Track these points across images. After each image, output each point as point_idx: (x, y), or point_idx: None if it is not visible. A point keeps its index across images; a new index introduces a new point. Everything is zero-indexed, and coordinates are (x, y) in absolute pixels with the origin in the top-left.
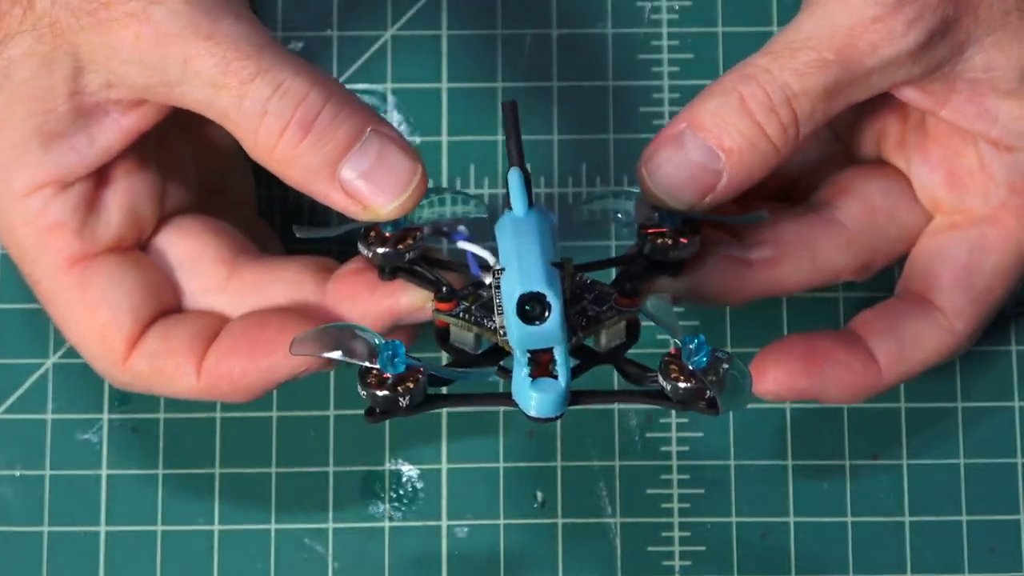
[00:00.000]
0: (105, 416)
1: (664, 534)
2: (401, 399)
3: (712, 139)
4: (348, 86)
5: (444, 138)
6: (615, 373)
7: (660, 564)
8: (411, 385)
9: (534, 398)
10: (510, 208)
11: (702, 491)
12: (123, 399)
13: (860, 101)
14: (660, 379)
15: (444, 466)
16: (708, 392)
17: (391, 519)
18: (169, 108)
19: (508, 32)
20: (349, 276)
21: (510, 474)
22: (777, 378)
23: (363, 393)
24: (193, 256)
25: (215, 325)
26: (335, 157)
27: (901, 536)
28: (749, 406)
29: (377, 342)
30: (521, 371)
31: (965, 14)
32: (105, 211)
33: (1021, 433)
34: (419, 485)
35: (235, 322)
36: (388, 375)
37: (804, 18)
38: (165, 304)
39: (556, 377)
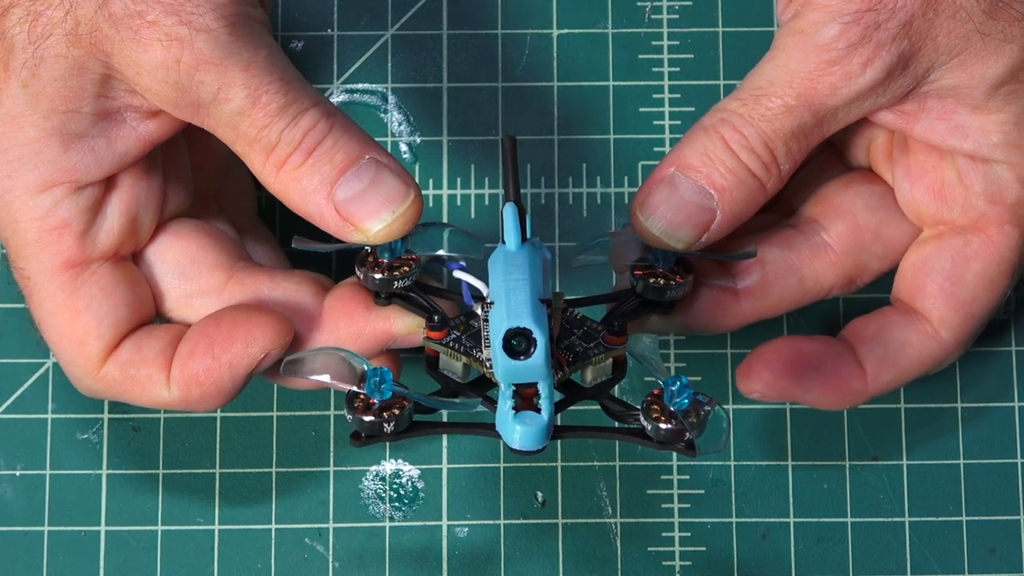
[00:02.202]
0: (105, 416)
1: (664, 534)
2: (386, 425)
3: (703, 178)
4: (348, 86)
5: (444, 138)
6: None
7: (660, 564)
8: (396, 412)
9: (517, 431)
10: (503, 242)
11: (702, 491)
12: None
13: (834, 132)
14: (642, 419)
15: (444, 466)
16: (687, 434)
17: (391, 519)
18: (184, 123)
19: (508, 32)
20: (346, 294)
21: (510, 474)
22: (764, 379)
23: (349, 417)
24: (191, 259)
25: (176, 338)
26: (332, 178)
27: (901, 536)
28: (753, 404)
29: (365, 367)
30: (505, 404)
31: (924, 44)
32: (109, 217)
33: (1021, 433)
34: (419, 485)
35: (193, 326)
36: (375, 400)
37: (766, 64)
38: (145, 316)
39: (539, 411)
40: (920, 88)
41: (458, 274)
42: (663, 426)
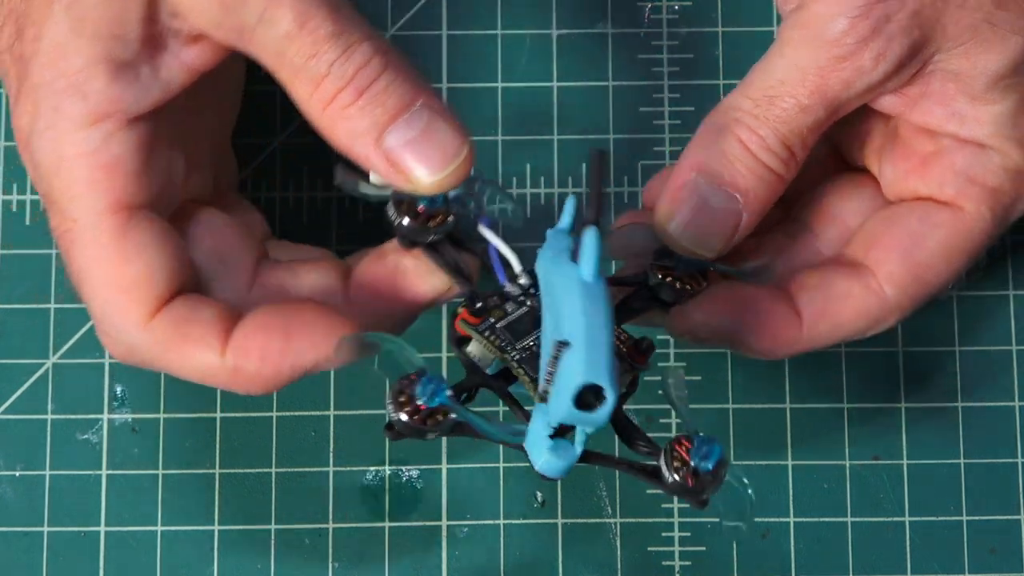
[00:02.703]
0: (105, 416)
1: (664, 534)
2: (429, 433)
3: (727, 183)
4: None
5: None
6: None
7: (660, 564)
8: (440, 419)
9: (548, 459)
10: (573, 261)
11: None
12: (123, 399)
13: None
14: (662, 463)
15: (444, 466)
16: (704, 495)
17: (391, 519)
18: (227, 51)
19: (508, 32)
20: (369, 276)
21: (510, 474)
22: (699, 315)
23: (390, 409)
24: (220, 258)
25: (236, 313)
26: (383, 123)
27: (901, 536)
28: (754, 404)
29: (420, 365)
30: (543, 428)
31: (933, 32)
32: (159, 159)
33: (1021, 433)
34: (419, 485)
35: (267, 306)
36: (422, 405)
37: (774, 59)
38: (189, 281)
39: (573, 442)
40: (924, 70)
41: (485, 231)
42: (682, 480)
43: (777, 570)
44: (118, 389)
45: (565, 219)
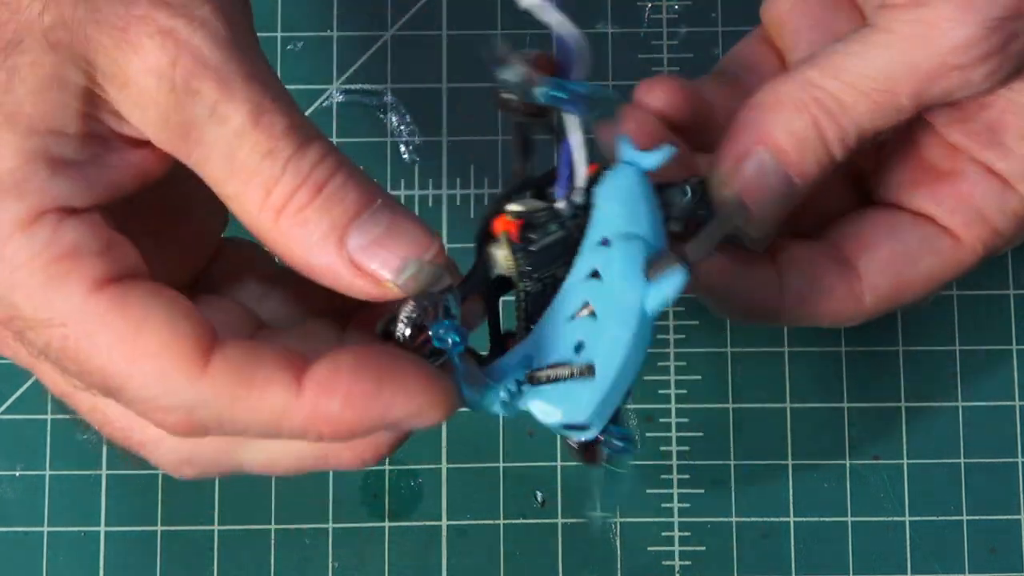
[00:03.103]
0: None
1: (664, 534)
2: (412, 352)
3: (792, 167)
4: (347, 86)
5: (444, 138)
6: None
7: (660, 564)
8: (430, 356)
9: (495, 407)
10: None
11: (702, 491)
12: None
13: None
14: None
15: (444, 466)
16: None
17: (391, 519)
18: (170, 162)
19: (508, 32)
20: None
21: (510, 474)
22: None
23: (402, 319)
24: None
25: (304, 355)
26: (343, 222)
27: (901, 536)
28: (754, 404)
29: (453, 311)
30: (511, 373)
31: None
32: (124, 243)
33: (1021, 433)
34: (419, 485)
35: (359, 348)
36: (426, 334)
37: (880, 51)
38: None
39: (524, 400)
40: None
41: (571, 125)
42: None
43: (777, 570)
44: None
45: (648, 159)
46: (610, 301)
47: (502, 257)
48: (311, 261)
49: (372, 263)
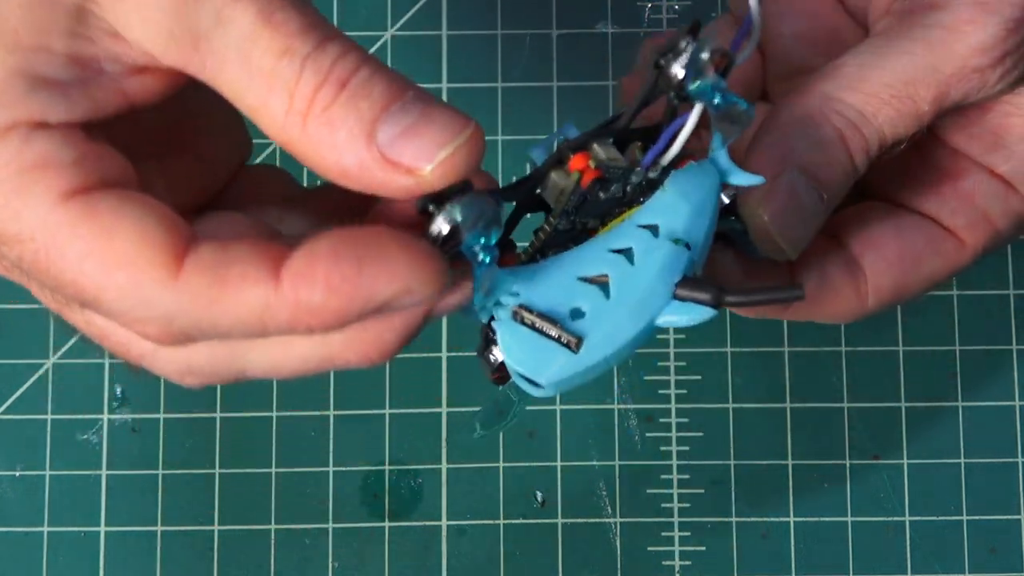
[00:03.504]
0: (105, 416)
1: (664, 534)
2: (432, 245)
3: (822, 184)
4: None
5: None
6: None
7: (660, 564)
8: (452, 256)
9: (474, 313)
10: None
11: (702, 491)
12: (123, 399)
13: None
14: None
15: (444, 466)
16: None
17: (391, 519)
18: (175, 82)
19: (508, 32)
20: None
21: (510, 474)
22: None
23: (443, 218)
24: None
25: (282, 245)
26: (370, 116)
27: (901, 536)
28: (754, 404)
29: (495, 226)
30: (501, 293)
31: None
32: (107, 155)
33: (1021, 433)
34: (419, 485)
35: (336, 231)
36: (460, 238)
37: (901, 56)
38: (197, 234)
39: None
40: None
41: (698, 105)
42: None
43: (777, 570)
44: (118, 389)
45: (737, 176)
46: (631, 290)
47: (559, 190)
48: (341, 162)
49: (404, 154)
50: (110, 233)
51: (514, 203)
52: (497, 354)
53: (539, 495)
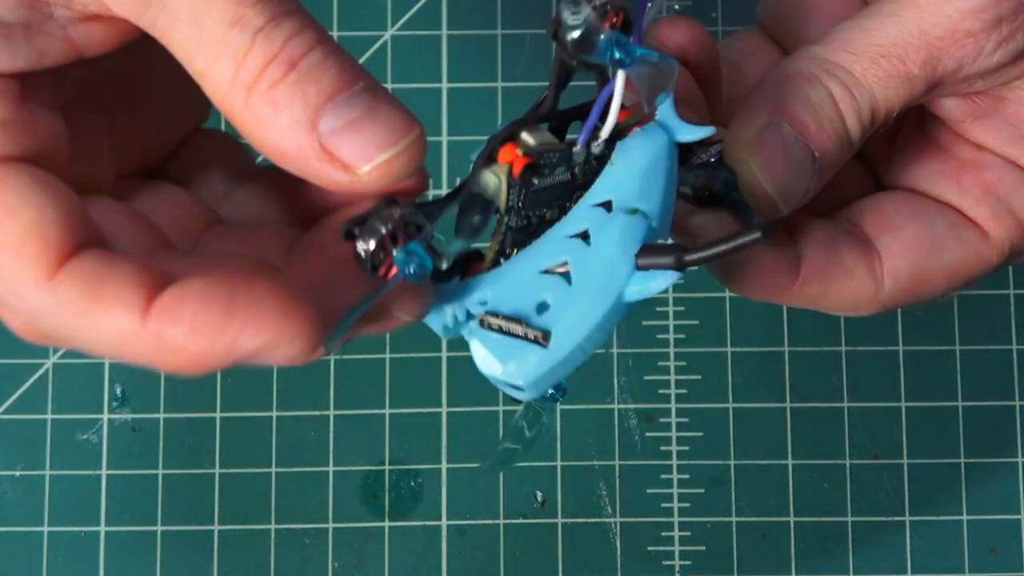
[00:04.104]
0: (105, 416)
1: (664, 534)
2: (359, 262)
3: (812, 140)
4: None
5: (444, 138)
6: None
7: (660, 564)
8: (383, 272)
9: (436, 326)
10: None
11: (702, 491)
12: (123, 399)
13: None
14: None
15: (444, 466)
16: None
17: (391, 519)
18: (124, 36)
19: (508, 32)
20: (317, 242)
21: (510, 474)
22: (702, 220)
23: (368, 230)
24: (126, 217)
25: (167, 274)
26: (316, 103)
27: (901, 535)
28: (754, 404)
29: (423, 234)
30: (460, 303)
31: None
32: (36, 121)
33: (1021, 433)
34: (419, 485)
35: (215, 271)
36: (388, 264)
37: (886, 19)
38: (97, 237)
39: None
40: (1010, 83)
41: (622, 74)
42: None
43: (777, 570)
44: (118, 389)
45: (685, 131)
46: (591, 272)
47: (493, 185)
48: (280, 144)
49: (343, 149)
50: (7, 212)
51: (457, 209)
52: (520, 395)
53: (539, 495)
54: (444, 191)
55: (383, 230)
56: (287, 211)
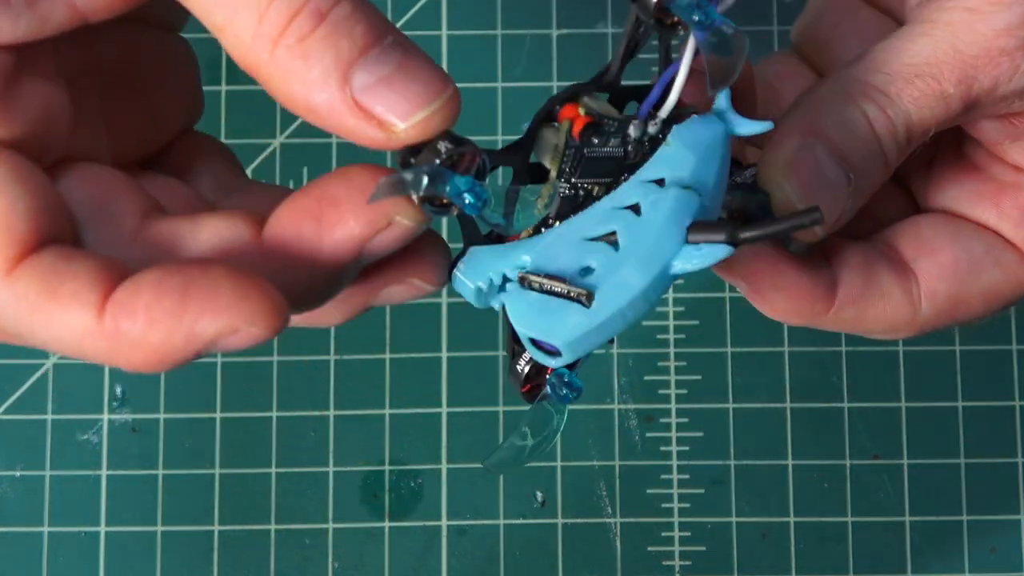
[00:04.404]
0: (105, 416)
1: (664, 534)
2: (422, 199)
3: (847, 161)
4: None
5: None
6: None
7: (660, 564)
8: (439, 206)
9: (473, 295)
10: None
11: (702, 491)
12: (123, 399)
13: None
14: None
15: (444, 466)
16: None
17: (391, 519)
18: (127, 4)
19: (508, 32)
20: (286, 215)
21: (510, 474)
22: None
23: (422, 162)
24: (97, 205)
25: (124, 269)
26: (348, 57)
27: (901, 536)
28: (754, 404)
29: (483, 171)
30: (505, 262)
31: None
32: (21, 96)
33: (1021, 433)
34: (419, 485)
35: (169, 262)
36: (443, 194)
37: (921, 37)
38: (63, 232)
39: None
40: None
41: (694, 39)
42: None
43: (777, 570)
44: (118, 389)
45: (744, 125)
46: (640, 241)
47: (552, 145)
48: (310, 99)
49: (378, 105)
50: None
51: (511, 170)
52: (525, 364)
53: (539, 495)
54: None
55: (438, 160)
56: None
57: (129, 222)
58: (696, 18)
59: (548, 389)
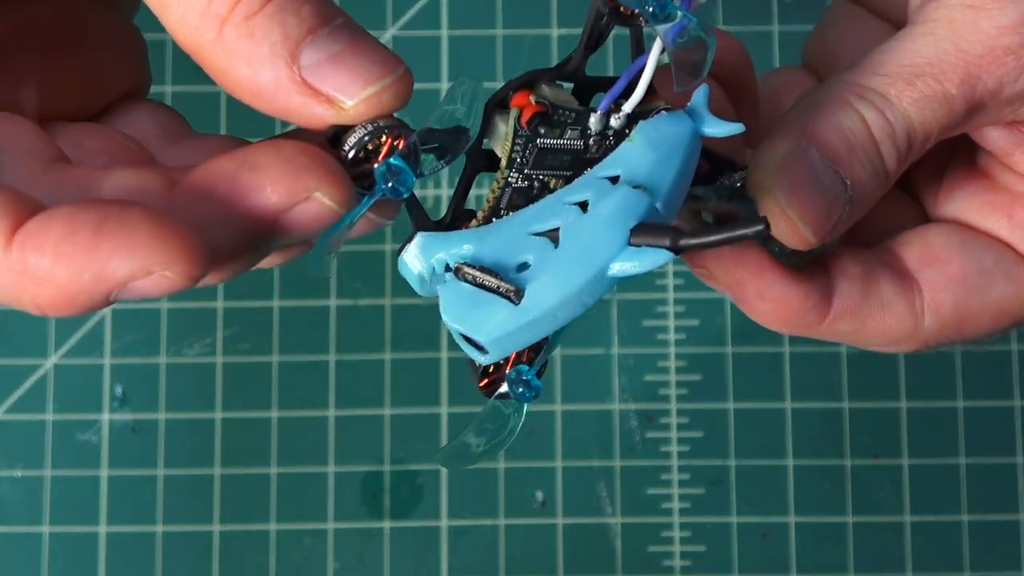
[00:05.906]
0: (105, 416)
1: (664, 534)
2: (351, 165)
3: (843, 167)
4: None
5: None
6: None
7: (660, 564)
8: (367, 187)
9: (418, 283)
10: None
11: (702, 491)
12: (123, 399)
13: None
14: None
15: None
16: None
17: (391, 519)
18: None
19: (508, 32)
20: (204, 174)
21: (510, 474)
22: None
23: (355, 136)
24: (2, 147)
25: (36, 204)
26: (296, 35)
27: (901, 536)
28: (753, 404)
29: (412, 150)
30: (448, 250)
31: None
32: None
33: (1021, 433)
34: (419, 485)
35: (90, 201)
36: (369, 164)
37: (921, 37)
38: None
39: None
40: None
41: (664, 32)
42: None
43: (777, 570)
44: (118, 389)
45: (714, 125)
46: (580, 239)
47: (502, 132)
48: (256, 78)
49: (328, 82)
50: None
51: (464, 157)
52: (481, 357)
53: (539, 495)
54: (445, 191)
55: (367, 138)
56: None
57: (36, 167)
58: (650, 9)
59: (505, 387)
